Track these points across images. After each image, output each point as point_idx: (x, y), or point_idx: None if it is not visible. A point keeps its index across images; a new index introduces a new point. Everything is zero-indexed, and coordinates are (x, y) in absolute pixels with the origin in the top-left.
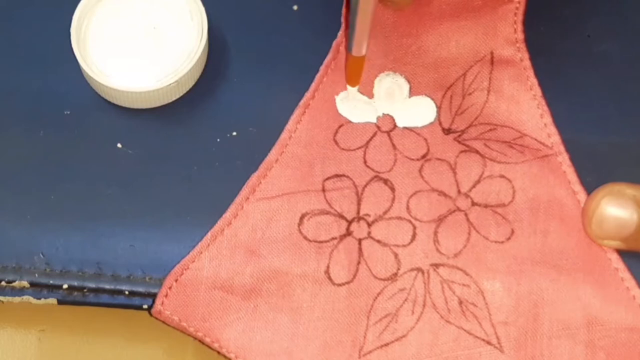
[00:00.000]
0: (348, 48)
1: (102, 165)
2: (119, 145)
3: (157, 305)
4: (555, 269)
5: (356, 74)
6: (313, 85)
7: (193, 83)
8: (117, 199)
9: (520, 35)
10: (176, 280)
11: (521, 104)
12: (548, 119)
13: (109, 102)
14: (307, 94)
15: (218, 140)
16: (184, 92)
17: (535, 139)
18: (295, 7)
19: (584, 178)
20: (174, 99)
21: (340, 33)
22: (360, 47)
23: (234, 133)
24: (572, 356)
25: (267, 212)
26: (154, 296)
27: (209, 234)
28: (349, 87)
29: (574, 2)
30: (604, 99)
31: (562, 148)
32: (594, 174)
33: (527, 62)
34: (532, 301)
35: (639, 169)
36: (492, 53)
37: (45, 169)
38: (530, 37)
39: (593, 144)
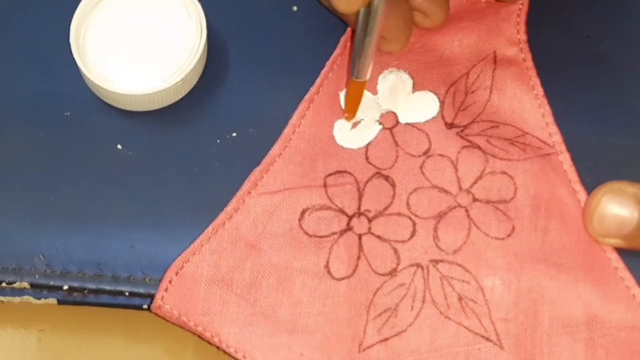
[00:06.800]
0: (353, 74)
1: (102, 166)
2: (119, 146)
3: (157, 300)
4: (556, 266)
5: (357, 102)
6: (318, 81)
7: (196, 80)
8: (117, 200)
9: (523, 36)
10: (176, 274)
11: (523, 103)
12: (549, 118)
13: (109, 104)
14: (312, 89)
15: (218, 141)
16: (188, 90)
17: (537, 138)
18: (295, 8)
19: (584, 177)
20: (178, 98)
21: (349, 28)
22: (368, 70)
23: (234, 134)
24: (572, 354)
25: (268, 206)
26: (153, 297)
27: (210, 227)
28: (345, 121)
29: (574, 2)
30: (604, 99)
31: (563, 147)
32: (594, 173)
33: (530, 62)
34: (532, 298)
35: (639, 169)
36: (495, 53)
37: (45, 170)
38: (532, 38)
39: (593, 144)
